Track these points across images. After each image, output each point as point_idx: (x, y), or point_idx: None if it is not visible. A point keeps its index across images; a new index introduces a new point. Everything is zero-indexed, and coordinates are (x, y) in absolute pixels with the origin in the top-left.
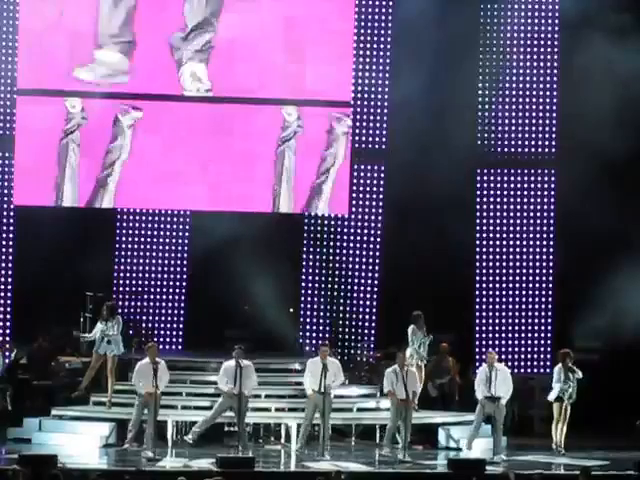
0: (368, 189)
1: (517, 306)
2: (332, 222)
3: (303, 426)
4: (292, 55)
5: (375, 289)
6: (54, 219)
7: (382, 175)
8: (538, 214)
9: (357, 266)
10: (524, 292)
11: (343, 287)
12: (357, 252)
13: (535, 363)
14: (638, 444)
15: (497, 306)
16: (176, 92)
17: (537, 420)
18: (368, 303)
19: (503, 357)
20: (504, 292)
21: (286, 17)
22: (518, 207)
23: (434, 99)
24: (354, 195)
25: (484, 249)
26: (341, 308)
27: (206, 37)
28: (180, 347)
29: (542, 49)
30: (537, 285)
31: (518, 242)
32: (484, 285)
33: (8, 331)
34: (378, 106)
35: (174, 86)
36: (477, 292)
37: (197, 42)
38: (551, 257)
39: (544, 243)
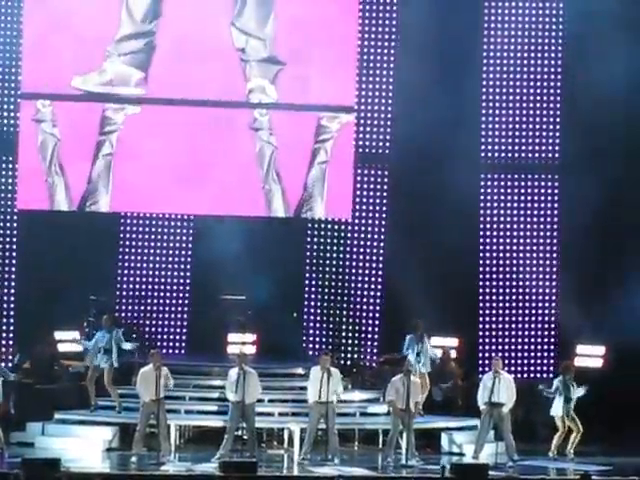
0: (371, 193)
1: (520, 311)
2: (335, 226)
3: (307, 434)
4: (295, 59)
5: (378, 293)
6: (57, 223)
7: (385, 180)
8: (542, 219)
9: (360, 270)
10: (527, 297)
11: (346, 292)
12: (360, 256)
13: (539, 368)
14: None
15: (500, 311)
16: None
17: (540, 425)
18: (371, 308)
19: (507, 362)
20: (507, 297)
21: (289, 21)
22: (522, 212)
23: (438, 104)
24: (357, 199)
25: (487, 254)
26: (344, 312)
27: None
28: (183, 351)
29: (545, 55)
30: (540, 290)
31: (522, 247)
32: (487, 290)
33: (11, 335)
34: (382, 111)
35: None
36: (481, 297)
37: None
38: (555, 262)
39: (547, 249)
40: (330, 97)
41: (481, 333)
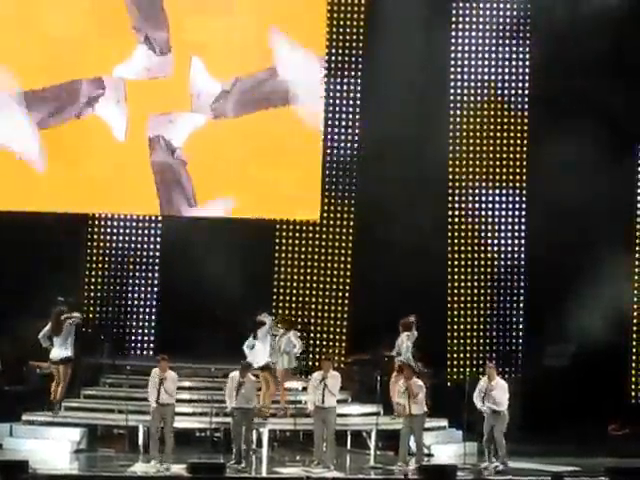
0: (340, 194)
1: (489, 312)
2: (304, 227)
3: (315, 440)
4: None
5: (346, 294)
6: (24, 223)
7: (354, 180)
8: (509, 223)
9: (328, 271)
10: (495, 297)
11: (314, 292)
12: (328, 257)
13: (507, 369)
14: (607, 450)
15: (469, 312)
16: None
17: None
18: (339, 308)
19: (474, 362)
20: (476, 297)
21: None
22: (490, 214)
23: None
24: (326, 200)
25: (456, 255)
26: (312, 314)
27: None
28: (151, 352)
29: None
30: (508, 298)
31: (490, 242)
32: (456, 291)
33: None
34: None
35: None
36: (449, 297)
37: None
38: (522, 269)
39: (515, 256)
40: None
41: (449, 334)
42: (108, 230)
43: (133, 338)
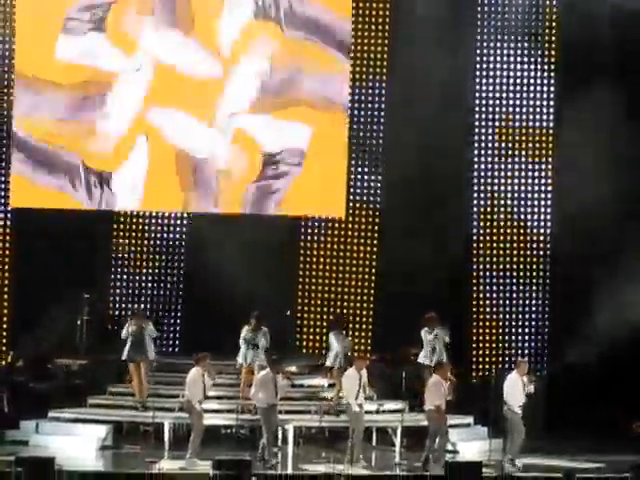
0: (365, 190)
1: (514, 308)
2: (329, 224)
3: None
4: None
5: (372, 291)
6: (51, 221)
7: (379, 177)
8: (535, 224)
9: (354, 269)
10: (520, 302)
11: (340, 289)
12: (354, 254)
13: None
14: (633, 447)
15: (494, 308)
16: None
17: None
18: (365, 305)
19: (500, 359)
20: (501, 294)
21: None
22: (516, 210)
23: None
24: (351, 197)
25: (481, 259)
26: (337, 310)
27: None
28: (177, 349)
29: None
30: (534, 297)
31: (515, 245)
32: (481, 295)
33: (4, 333)
34: (375, 108)
35: None
36: (474, 294)
37: None
38: (548, 267)
39: (541, 253)
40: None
41: (475, 331)
42: (134, 227)
43: (159, 335)
